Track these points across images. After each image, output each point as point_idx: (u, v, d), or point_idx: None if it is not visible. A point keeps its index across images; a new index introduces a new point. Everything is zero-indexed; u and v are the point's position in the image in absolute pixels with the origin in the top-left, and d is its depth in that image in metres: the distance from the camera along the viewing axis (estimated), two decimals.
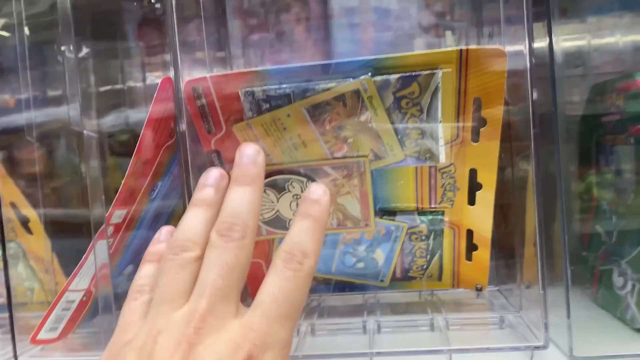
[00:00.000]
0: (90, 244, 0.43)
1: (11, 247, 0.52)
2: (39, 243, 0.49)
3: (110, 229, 0.44)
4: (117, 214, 0.44)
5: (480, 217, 0.46)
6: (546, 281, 0.40)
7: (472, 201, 0.46)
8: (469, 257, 0.49)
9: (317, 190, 0.37)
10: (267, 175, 0.44)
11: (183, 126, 0.39)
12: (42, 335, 0.44)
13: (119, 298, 0.53)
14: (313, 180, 0.44)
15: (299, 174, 0.44)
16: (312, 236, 0.35)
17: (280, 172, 0.44)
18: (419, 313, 0.47)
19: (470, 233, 0.48)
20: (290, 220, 0.47)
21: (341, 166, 0.44)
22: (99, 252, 0.43)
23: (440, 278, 0.51)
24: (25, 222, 0.49)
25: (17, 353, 0.43)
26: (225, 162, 0.44)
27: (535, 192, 0.37)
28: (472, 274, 0.50)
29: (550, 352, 0.39)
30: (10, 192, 0.47)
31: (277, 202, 0.46)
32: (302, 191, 0.45)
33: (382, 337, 0.44)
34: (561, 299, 0.39)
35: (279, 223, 0.47)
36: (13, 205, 0.48)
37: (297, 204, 0.46)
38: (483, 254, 0.48)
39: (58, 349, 0.45)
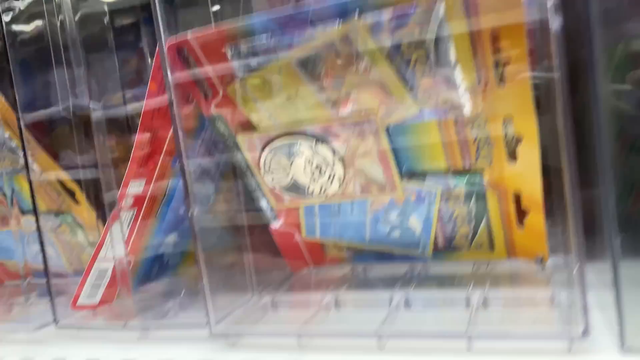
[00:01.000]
0: (110, 215, 0.44)
1: (67, 218, 0.55)
2: (86, 212, 0.52)
3: (129, 200, 0.44)
4: (135, 184, 0.44)
5: (526, 175, 0.38)
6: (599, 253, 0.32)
7: (512, 156, 0.38)
8: (520, 225, 0.41)
9: None
10: (273, 139, 0.41)
11: (172, 95, 0.37)
12: (82, 301, 0.47)
13: (168, 264, 0.54)
14: (323, 141, 0.40)
15: (304, 134, 0.40)
16: None
17: (287, 134, 0.40)
18: (460, 287, 0.41)
19: (517, 197, 0.40)
20: (308, 187, 0.43)
21: (350, 125, 0.39)
22: (115, 228, 0.44)
23: (492, 248, 0.44)
24: (72, 194, 0.51)
25: (58, 319, 0.45)
26: (231, 126, 0.42)
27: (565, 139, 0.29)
28: (528, 242, 0.42)
29: (596, 342, 0.31)
30: (49, 164, 0.49)
31: (290, 167, 0.42)
32: (313, 154, 0.41)
33: (406, 315, 0.39)
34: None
35: (299, 190, 0.43)
36: (59, 181, 0.51)
37: (311, 169, 0.42)
38: (536, 220, 0.40)
39: (100, 314, 0.47)
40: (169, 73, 0.37)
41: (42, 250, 0.45)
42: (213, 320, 0.39)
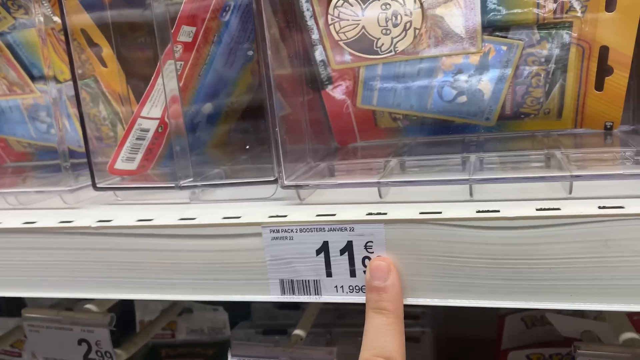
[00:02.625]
0: (157, 64, 0.40)
1: (89, 83, 0.50)
2: (114, 77, 0.47)
3: (179, 48, 0.40)
4: (186, 31, 0.39)
5: (621, 27, 0.36)
6: None
7: (610, 5, 0.36)
8: (599, 86, 0.40)
9: (379, 272, 0.31)
10: None
11: None
12: (119, 165, 0.43)
13: (198, 138, 0.50)
14: None
15: None
16: (392, 335, 0.31)
17: None
18: (531, 149, 0.39)
19: (604, 51, 0.38)
20: (378, 40, 0.40)
21: None
22: (167, 74, 0.40)
23: (559, 115, 0.43)
24: (98, 54, 0.46)
25: (96, 182, 0.41)
26: None
27: None
28: (601, 107, 0.41)
29: None
30: (81, 20, 0.44)
31: (362, 15, 0.38)
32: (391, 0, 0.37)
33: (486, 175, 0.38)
34: None
35: (366, 44, 0.40)
36: (84, 32, 0.45)
37: (386, 16, 0.38)
38: (620, 80, 0.39)
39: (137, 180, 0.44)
40: None
41: (79, 106, 0.41)
42: (284, 172, 0.36)
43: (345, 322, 0.55)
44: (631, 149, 0.36)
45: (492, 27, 0.39)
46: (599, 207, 0.29)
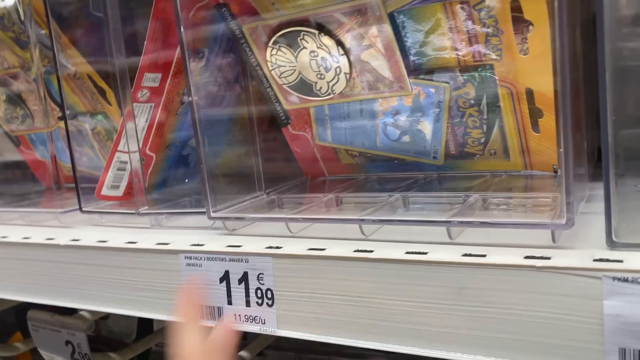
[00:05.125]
0: (125, 109, 0.46)
1: (102, 120, 0.58)
2: (118, 113, 0.54)
3: (146, 93, 0.46)
4: (150, 77, 0.45)
5: (538, 68, 0.35)
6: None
7: (524, 49, 0.35)
8: (535, 127, 0.39)
9: None
10: (277, 30, 0.40)
11: None
12: (105, 192, 0.50)
13: (189, 167, 0.56)
14: (327, 32, 0.39)
15: (309, 24, 0.39)
16: None
17: (289, 24, 0.40)
18: (466, 190, 0.39)
19: (529, 94, 0.37)
20: (316, 83, 0.42)
21: (353, 11, 0.37)
22: (137, 113, 0.46)
23: (507, 156, 0.42)
24: (103, 94, 0.54)
25: (82, 206, 0.49)
26: (237, 17, 0.41)
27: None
28: (544, 150, 0.40)
29: (583, 235, 0.29)
30: (85, 68, 0.52)
31: (296, 61, 0.41)
32: (317, 47, 0.40)
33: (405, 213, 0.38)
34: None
35: (306, 87, 0.43)
36: (90, 77, 0.53)
37: (317, 63, 0.41)
38: (552, 122, 0.37)
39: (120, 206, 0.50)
40: None
41: (69, 141, 0.48)
42: (211, 205, 0.40)
43: None
44: (549, 196, 0.35)
45: (418, 71, 0.40)
46: (462, 255, 0.29)
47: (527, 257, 0.28)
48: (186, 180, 0.51)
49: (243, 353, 0.47)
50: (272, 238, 0.37)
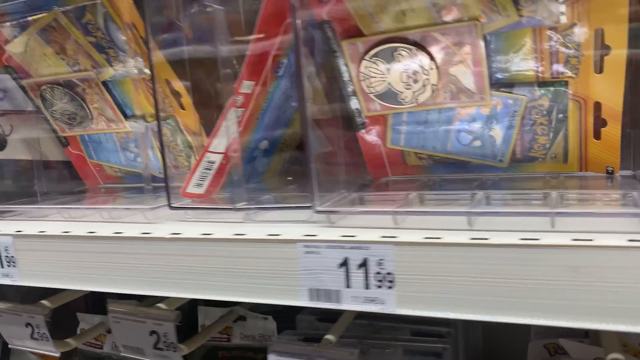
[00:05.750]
0: (224, 110, 0.49)
1: (170, 122, 0.61)
2: (190, 117, 0.57)
3: (240, 99, 0.50)
4: (246, 85, 0.49)
5: (610, 86, 0.42)
6: None
7: (599, 68, 0.42)
8: (597, 135, 0.45)
9: None
10: (376, 45, 0.45)
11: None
12: (190, 189, 0.53)
13: (256, 169, 0.60)
14: (422, 48, 0.44)
15: (407, 41, 0.44)
16: None
17: (389, 40, 0.45)
18: (536, 189, 0.45)
19: (597, 106, 0.44)
20: (401, 93, 0.48)
21: (451, 32, 0.43)
22: (230, 118, 0.49)
23: (565, 160, 0.48)
24: (178, 97, 0.57)
25: (171, 203, 0.52)
26: (337, 33, 0.46)
27: None
28: (601, 154, 0.46)
29: None
30: (163, 69, 0.55)
31: (388, 73, 0.47)
32: (411, 61, 0.45)
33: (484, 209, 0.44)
34: None
35: (391, 97, 0.48)
36: (167, 81, 0.56)
37: (407, 75, 0.46)
38: (613, 131, 0.44)
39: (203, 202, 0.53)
40: None
41: (160, 137, 0.51)
42: (317, 199, 0.44)
43: (378, 336, 0.62)
44: (620, 192, 0.42)
45: (499, 84, 0.46)
46: (572, 240, 0.35)
47: (630, 240, 0.34)
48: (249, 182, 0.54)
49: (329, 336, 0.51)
50: (377, 230, 0.42)
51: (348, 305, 0.41)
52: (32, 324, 0.58)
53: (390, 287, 0.40)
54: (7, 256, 0.54)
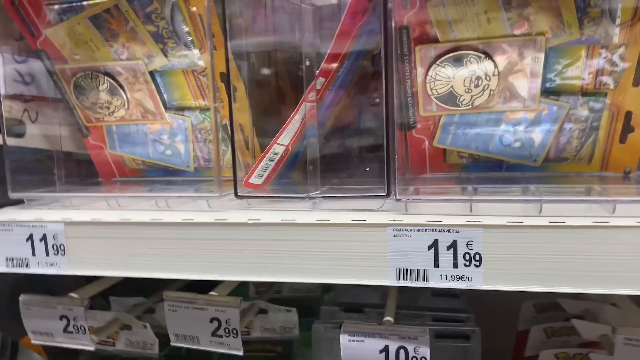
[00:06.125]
0: (300, 102, 0.52)
1: (208, 115, 0.62)
2: (239, 110, 0.59)
3: (313, 95, 0.52)
4: (320, 81, 0.52)
5: None
6: None
7: (637, 82, 0.50)
8: (623, 139, 0.53)
9: None
10: (448, 51, 0.51)
11: (390, 3, 0.46)
12: (252, 180, 0.54)
13: (291, 164, 0.62)
14: (490, 57, 0.50)
15: (476, 49, 0.50)
16: None
17: (461, 47, 0.50)
18: (572, 184, 0.53)
19: (628, 115, 0.52)
20: (461, 96, 0.53)
21: (518, 43, 0.49)
22: (301, 111, 0.52)
23: (590, 161, 0.56)
24: (234, 93, 0.58)
25: (238, 192, 0.53)
26: (412, 39, 0.51)
27: None
28: (623, 156, 0.55)
29: None
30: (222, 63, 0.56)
31: (453, 77, 0.52)
32: (477, 67, 0.51)
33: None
34: None
35: (450, 99, 0.53)
36: (222, 75, 0.57)
37: (470, 80, 0.52)
38: (639, 137, 0.52)
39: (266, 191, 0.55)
40: None
41: (231, 129, 0.52)
42: (398, 189, 0.48)
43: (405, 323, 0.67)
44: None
45: (548, 92, 0.53)
46: (637, 222, 0.42)
47: None
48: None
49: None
50: (452, 216, 0.47)
51: (436, 282, 0.45)
52: (69, 316, 0.56)
53: (477, 266, 0.44)
54: (54, 244, 0.53)
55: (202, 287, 0.59)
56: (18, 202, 0.62)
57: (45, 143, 0.65)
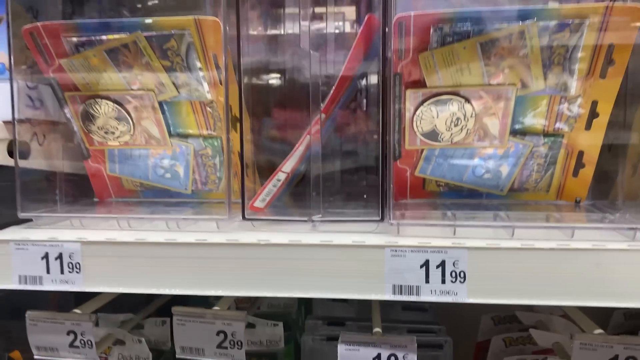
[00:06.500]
0: (305, 133, 0.58)
1: (215, 142, 0.67)
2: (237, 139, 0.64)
3: (317, 129, 0.59)
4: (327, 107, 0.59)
5: (593, 140, 0.60)
6: None
7: (588, 127, 0.59)
8: (575, 173, 0.63)
9: None
10: (435, 95, 0.58)
11: (389, 53, 0.53)
12: (256, 204, 0.60)
13: (286, 188, 0.68)
14: (469, 101, 0.58)
15: (458, 94, 0.58)
16: None
17: (446, 93, 0.58)
18: (534, 211, 0.61)
19: (581, 153, 0.62)
20: (442, 133, 0.61)
21: (494, 91, 0.58)
22: (305, 142, 0.58)
23: (548, 191, 0.65)
24: (235, 122, 0.63)
25: (245, 214, 0.58)
26: (403, 84, 0.58)
27: None
28: (575, 188, 0.64)
29: None
30: (233, 96, 0.61)
31: (437, 117, 0.60)
32: (457, 110, 0.59)
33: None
34: None
35: (433, 135, 0.61)
36: (230, 107, 0.62)
37: (452, 120, 0.60)
38: (588, 172, 0.62)
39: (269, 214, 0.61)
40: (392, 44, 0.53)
41: (241, 157, 0.58)
42: (392, 214, 0.55)
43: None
44: (600, 214, 0.59)
45: (515, 132, 0.61)
46: (592, 244, 0.51)
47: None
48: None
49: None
50: (439, 238, 0.54)
51: (427, 297, 0.52)
52: (77, 331, 0.59)
53: (462, 282, 0.52)
54: (70, 263, 0.56)
55: (182, 301, 0.63)
56: (22, 221, 0.64)
57: (48, 164, 0.68)
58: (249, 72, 0.59)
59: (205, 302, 0.84)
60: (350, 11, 0.76)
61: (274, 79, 0.63)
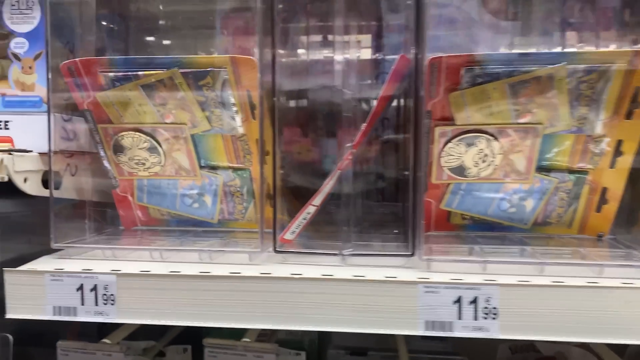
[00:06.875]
0: (333, 172, 0.59)
1: (244, 174, 0.68)
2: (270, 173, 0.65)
3: (347, 163, 0.60)
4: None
5: (617, 177, 0.61)
6: None
7: (612, 165, 0.61)
8: (598, 209, 0.64)
9: None
10: (464, 132, 0.60)
11: (422, 92, 0.55)
12: (286, 236, 0.61)
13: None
14: (497, 139, 0.60)
15: (487, 132, 0.60)
16: None
17: (475, 131, 0.59)
18: (561, 246, 0.63)
19: (604, 190, 0.63)
20: (469, 169, 0.62)
21: (521, 130, 0.59)
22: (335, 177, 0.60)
23: (570, 225, 0.67)
24: (264, 155, 0.65)
25: (276, 247, 0.59)
26: (433, 119, 0.60)
27: None
28: (598, 223, 0.65)
29: None
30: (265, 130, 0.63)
31: (465, 153, 0.61)
32: (485, 147, 0.60)
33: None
34: None
35: (460, 170, 0.62)
36: (257, 141, 0.64)
37: (479, 157, 0.61)
38: (612, 208, 0.63)
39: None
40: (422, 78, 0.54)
41: (275, 194, 0.59)
42: (422, 250, 0.56)
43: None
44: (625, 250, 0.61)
45: (540, 168, 0.63)
46: (622, 283, 0.52)
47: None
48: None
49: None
50: (470, 274, 0.55)
51: (459, 333, 0.53)
52: None
53: (494, 318, 0.53)
54: (105, 294, 0.57)
55: (200, 329, 0.64)
56: (52, 250, 0.65)
57: (78, 193, 0.69)
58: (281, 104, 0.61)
59: (226, 329, 0.85)
60: (366, 39, 0.78)
61: (301, 108, 0.65)
